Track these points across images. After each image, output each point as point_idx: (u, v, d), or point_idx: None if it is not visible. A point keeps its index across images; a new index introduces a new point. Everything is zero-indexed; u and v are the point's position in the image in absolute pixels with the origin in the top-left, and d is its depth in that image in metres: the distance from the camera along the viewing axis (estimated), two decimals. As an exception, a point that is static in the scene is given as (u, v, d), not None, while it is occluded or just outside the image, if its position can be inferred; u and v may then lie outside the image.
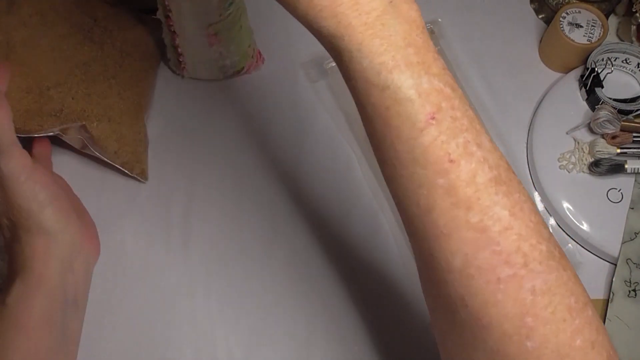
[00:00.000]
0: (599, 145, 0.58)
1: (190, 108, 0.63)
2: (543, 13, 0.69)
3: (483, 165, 0.28)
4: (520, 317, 0.27)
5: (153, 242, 0.57)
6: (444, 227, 0.28)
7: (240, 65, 0.62)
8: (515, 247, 0.27)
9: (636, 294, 0.54)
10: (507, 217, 0.28)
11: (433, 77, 0.28)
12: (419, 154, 0.28)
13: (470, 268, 0.28)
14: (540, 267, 0.27)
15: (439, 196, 0.28)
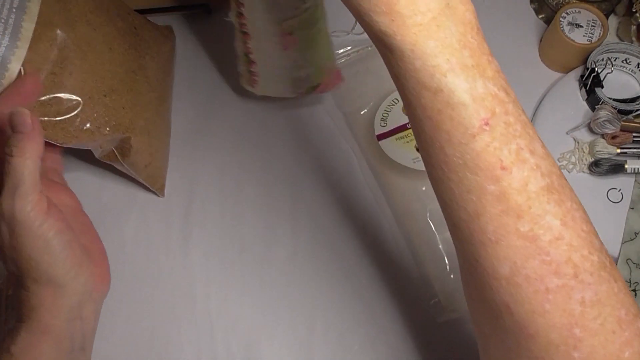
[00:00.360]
0: (599, 145, 0.58)
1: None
2: (543, 13, 0.69)
3: (536, 172, 0.27)
4: (568, 328, 0.27)
5: (153, 242, 0.57)
6: (492, 234, 0.28)
7: (316, 80, 0.57)
8: (565, 257, 0.27)
9: (636, 294, 0.54)
10: (558, 226, 0.27)
11: (488, 80, 0.27)
12: (469, 159, 0.27)
13: (518, 277, 0.27)
14: (590, 278, 0.27)
15: (489, 203, 0.27)
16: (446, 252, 0.54)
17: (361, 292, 0.55)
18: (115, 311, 0.54)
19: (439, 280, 0.54)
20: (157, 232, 0.58)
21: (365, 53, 0.65)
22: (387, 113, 0.61)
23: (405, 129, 0.60)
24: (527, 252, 0.27)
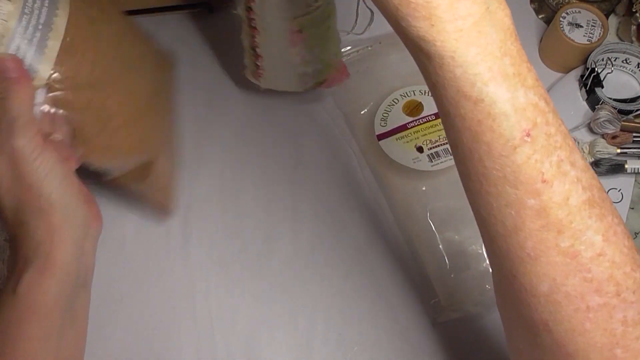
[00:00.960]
0: (599, 145, 0.58)
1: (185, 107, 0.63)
2: (543, 13, 0.69)
3: (577, 185, 0.26)
4: (609, 348, 0.26)
5: (153, 242, 0.57)
6: (532, 249, 0.27)
7: (322, 76, 0.57)
8: (607, 275, 0.26)
9: (636, 294, 0.54)
10: (600, 242, 0.26)
11: (528, 89, 0.26)
12: (510, 172, 0.26)
13: (558, 294, 0.27)
14: (633, 297, 0.26)
15: (528, 217, 0.26)
16: (446, 252, 0.54)
17: (361, 292, 0.55)
18: (115, 311, 0.54)
19: (439, 280, 0.54)
20: (157, 232, 0.58)
21: (365, 53, 0.65)
22: (387, 113, 0.61)
23: (405, 129, 0.60)
24: (568, 269, 0.26)
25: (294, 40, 0.52)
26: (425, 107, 0.61)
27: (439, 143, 0.59)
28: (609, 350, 0.26)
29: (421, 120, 0.61)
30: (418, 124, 0.60)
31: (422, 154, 0.59)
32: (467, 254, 0.54)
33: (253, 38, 0.53)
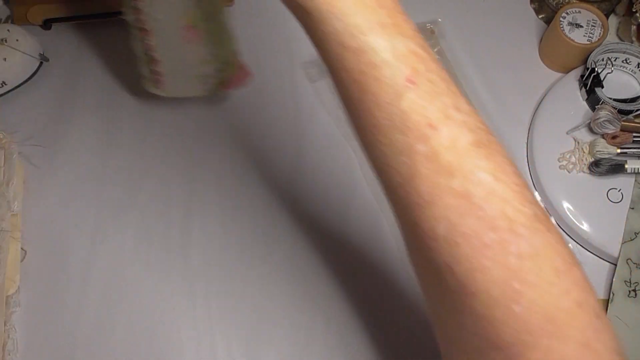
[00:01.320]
0: (599, 145, 0.58)
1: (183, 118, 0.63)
2: (543, 13, 0.69)
3: (463, 129, 0.27)
4: (506, 282, 0.27)
5: (153, 242, 0.57)
6: (427, 194, 0.27)
7: (223, 76, 0.56)
8: (499, 212, 0.27)
9: (636, 294, 0.54)
10: (490, 181, 0.27)
11: (407, 39, 0.27)
12: (398, 120, 0.27)
13: (455, 235, 0.27)
14: (525, 231, 0.27)
15: (420, 163, 0.27)
16: (446, 252, 0.54)
17: (361, 292, 0.55)
18: (116, 311, 0.54)
19: (439, 280, 0.54)
20: (157, 232, 0.58)
21: (365, 53, 0.65)
22: (387, 113, 0.61)
23: (405, 129, 0.60)
24: (462, 209, 0.27)
25: (189, 37, 0.52)
26: (425, 107, 0.61)
27: (439, 143, 0.59)
28: (507, 284, 0.27)
29: (421, 120, 0.60)
30: (418, 124, 0.60)
31: (422, 154, 0.59)
32: (467, 254, 0.54)
33: (146, 42, 0.52)
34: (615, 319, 0.53)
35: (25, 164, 0.60)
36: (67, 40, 0.66)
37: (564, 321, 0.27)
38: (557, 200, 0.58)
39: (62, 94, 0.64)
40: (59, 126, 0.62)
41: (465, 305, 0.28)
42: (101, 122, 0.63)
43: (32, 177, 0.60)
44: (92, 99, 0.64)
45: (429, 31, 0.67)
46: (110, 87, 0.64)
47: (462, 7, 0.69)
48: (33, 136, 0.61)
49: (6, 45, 0.61)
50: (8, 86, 0.62)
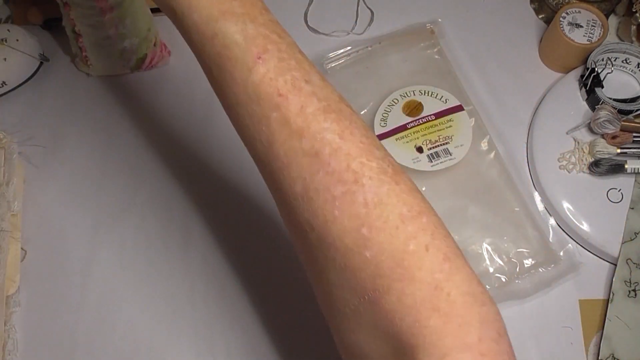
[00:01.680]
0: (599, 145, 0.58)
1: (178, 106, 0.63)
2: (543, 13, 0.69)
3: (312, 97, 0.30)
4: (357, 230, 0.29)
5: (153, 242, 0.57)
6: (284, 157, 0.31)
7: (142, 51, 0.61)
8: (345, 166, 0.29)
9: (636, 294, 0.54)
10: (336, 140, 0.30)
11: (259, 25, 0.31)
12: (252, 92, 0.31)
13: (310, 191, 0.30)
14: (370, 182, 0.29)
15: (276, 130, 0.31)
16: (446, 252, 0.54)
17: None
18: (115, 311, 0.54)
19: (439, 280, 0.54)
20: (157, 232, 0.58)
21: (365, 53, 0.65)
22: (387, 113, 0.61)
23: (405, 129, 0.60)
24: (313, 167, 0.30)
25: (104, 9, 0.56)
26: (425, 107, 0.61)
27: (438, 143, 0.59)
28: (357, 231, 0.29)
29: (421, 120, 0.61)
30: (418, 124, 0.60)
31: (421, 154, 0.59)
32: (467, 254, 0.54)
33: (70, 17, 0.57)
34: (615, 319, 0.53)
35: (25, 164, 0.60)
36: (67, 40, 0.66)
37: (412, 264, 0.28)
38: (557, 200, 0.58)
39: (62, 94, 0.64)
40: (59, 126, 0.62)
41: (328, 258, 0.31)
42: (101, 122, 0.63)
43: (32, 177, 0.60)
44: (92, 99, 0.64)
45: (429, 31, 0.67)
46: (110, 88, 0.64)
47: (462, 7, 0.69)
48: (33, 136, 0.61)
49: (6, 45, 0.61)
50: (8, 86, 0.62)
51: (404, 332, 0.28)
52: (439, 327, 0.27)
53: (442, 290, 0.28)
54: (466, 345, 0.27)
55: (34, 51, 0.62)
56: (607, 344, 0.53)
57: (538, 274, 0.55)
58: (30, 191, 0.59)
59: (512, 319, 0.54)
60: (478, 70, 0.66)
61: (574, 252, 0.57)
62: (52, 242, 0.57)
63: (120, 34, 0.59)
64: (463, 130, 0.60)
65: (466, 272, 0.29)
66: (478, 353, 0.26)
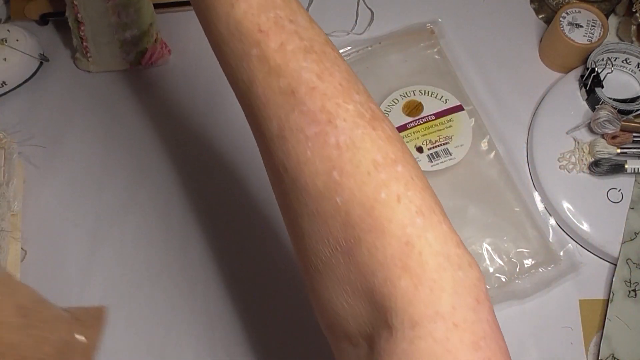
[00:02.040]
0: (599, 145, 0.58)
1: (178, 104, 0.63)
2: (543, 13, 0.69)
3: (293, 36, 0.30)
4: (328, 173, 0.28)
5: (153, 242, 0.57)
6: (263, 96, 0.30)
7: (142, 45, 0.62)
8: (319, 105, 0.29)
9: (636, 294, 0.54)
10: (313, 79, 0.29)
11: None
12: (234, 28, 0.30)
13: (284, 130, 0.29)
14: (344, 124, 0.28)
15: (255, 67, 0.30)
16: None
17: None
18: (116, 311, 0.54)
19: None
20: (157, 232, 0.58)
21: (365, 53, 0.65)
22: (387, 113, 0.61)
23: (406, 129, 0.60)
24: (289, 106, 0.29)
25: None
26: (425, 107, 0.61)
27: (438, 143, 0.59)
28: (328, 175, 0.28)
29: (421, 120, 0.61)
30: (418, 124, 0.60)
31: (421, 154, 0.59)
32: (467, 254, 0.54)
33: (73, 4, 0.58)
34: (615, 319, 0.53)
35: (25, 164, 0.60)
36: (66, 40, 0.66)
37: (382, 215, 0.27)
38: (557, 200, 0.58)
39: (62, 94, 0.64)
40: (59, 126, 0.62)
41: (300, 203, 0.30)
42: (101, 122, 0.63)
43: (32, 177, 0.60)
44: (92, 99, 0.64)
45: (429, 31, 0.67)
46: (110, 87, 0.64)
47: (462, 7, 0.69)
48: (33, 136, 0.61)
49: (6, 45, 0.61)
50: (8, 86, 0.62)
51: (376, 290, 0.27)
52: (410, 290, 0.26)
53: (413, 247, 0.26)
54: (438, 314, 0.25)
55: (34, 51, 0.62)
56: (607, 344, 0.53)
57: (538, 274, 0.55)
58: (30, 191, 0.59)
59: (512, 319, 0.54)
60: (478, 70, 0.66)
61: (574, 252, 0.57)
62: (52, 242, 0.57)
63: (122, 23, 0.59)
64: (463, 130, 0.60)
65: (441, 230, 0.27)
66: (452, 323, 0.25)
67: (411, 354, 0.25)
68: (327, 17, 0.67)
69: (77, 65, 0.64)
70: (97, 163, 0.60)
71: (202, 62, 0.66)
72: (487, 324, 0.26)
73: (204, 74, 0.65)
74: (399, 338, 0.26)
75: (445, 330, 0.25)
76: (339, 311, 0.30)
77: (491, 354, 0.25)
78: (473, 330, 0.25)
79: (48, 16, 0.66)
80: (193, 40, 0.67)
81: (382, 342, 0.27)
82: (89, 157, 0.61)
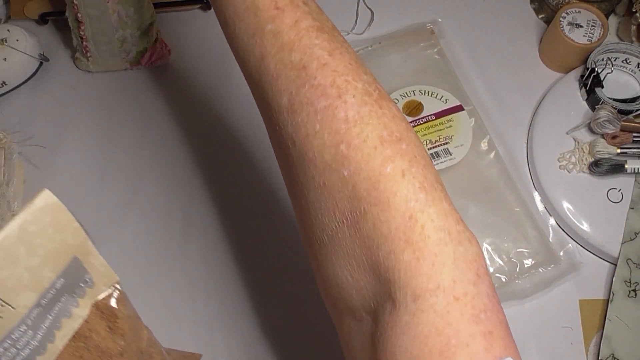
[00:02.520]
0: (599, 145, 0.58)
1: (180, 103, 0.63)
2: (543, 13, 0.69)
3: (307, 16, 0.31)
4: (336, 146, 0.29)
5: (153, 242, 0.57)
6: (274, 70, 0.31)
7: (142, 44, 0.62)
8: (330, 81, 0.29)
9: (636, 294, 0.54)
10: (325, 56, 0.30)
11: None
12: (250, 2, 0.32)
13: (294, 104, 0.30)
14: (353, 100, 0.29)
15: (269, 42, 0.31)
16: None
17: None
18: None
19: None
20: (157, 232, 0.58)
21: (365, 53, 0.65)
22: (387, 113, 0.61)
23: (405, 129, 0.60)
24: (300, 80, 0.30)
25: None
26: (425, 107, 0.61)
27: (439, 143, 0.59)
28: (336, 148, 0.29)
29: (421, 120, 0.61)
30: (418, 124, 0.60)
31: (422, 154, 0.59)
32: (467, 254, 0.54)
33: (73, 3, 0.58)
34: (615, 319, 0.53)
35: (25, 164, 0.60)
36: (66, 40, 0.66)
37: (387, 188, 0.28)
38: (557, 200, 0.58)
39: (62, 94, 0.64)
40: (59, 126, 0.62)
41: (307, 176, 0.30)
42: (101, 122, 0.63)
43: (32, 177, 0.60)
44: (92, 99, 0.64)
45: (429, 31, 0.67)
46: (110, 87, 0.64)
47: (462, 7, 0.69)
48: (33, 136, 0.61)
49: (6, 45, 0.61)
50: (8, 86, 0.62)
51: (380, 263, 0.27)
52: (413, 263, 0.26)
53: (417, 221, 0.27)
54: (439, 288, 0.26)
55: (34, 51, 0.62)
56: (607, 344, 0.53)
57: (538, 274, 0.55)
58: (30, 191, 0.59)
59: (512, 319, 0.53)
60: (478, 70, 0.66)
61: (574, 252, 0.57)
62: (52, 242, 0.57)
63: (122, 22, 0.59)
64: (463, 130, 0.60)
65: (443, 207, 0.28)
66: (452, 297, 0.26)
67: (414, 327, 0.26)
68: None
69: (77, 65, 0.64)
70: (97, 163, 0.60)
71: (202, 62, 0.66)
72: (487, 297, 0.26)
73: (204, 74, 0.65)
74: (401, 311, 0.26)
75: (446, 303, 0.26)
76: (344, 285, 0.31)
77: (492, 326, 0.26)
78: (473, 303, 0.26)
79: (48, 15, 0.66)
80: (193, 40, 0.67)
81: (385, 315, 0.27)
82: (89, 157, 0.61)
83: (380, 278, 0.28)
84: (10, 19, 0.67)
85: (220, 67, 0.65)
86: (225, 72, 0.65)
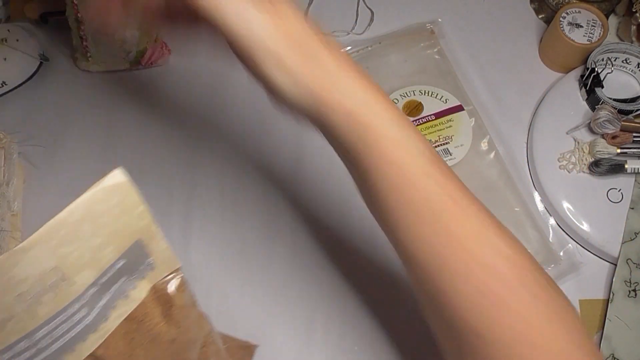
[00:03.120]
0: (599, 145, 0.58)
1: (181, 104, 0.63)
2: (543, 13, 0.69)
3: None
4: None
5: (153, 242, 0.57)
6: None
7: (142, 44, 0.62)
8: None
9: (636, 294, 0.54)
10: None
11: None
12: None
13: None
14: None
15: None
16: (446, 252, 0.54)
17: (362, 292, 0.55)
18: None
19: (439, 280, 0.54)
20: (157, 232, 0.58)
21: (365, 53, 0.65)
22: (387, 113, 0.61)
23: (405, 129, 0.60)
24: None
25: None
26: (425, 107, 0.61)
27: (438, 143, 0.59)
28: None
29: (421, 120, 0.61)
30: (418, 124, 0.60)
31: (422, 154, 0.59)
32: (467, 254, 0.54)
33: (73, 3, 0.57)
34: (615, 319, 0.53)
35: (25, 164, 0.60)
36: (66, 40, 0.66)
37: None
38: (557, 200, 0.58)
39: (62, 94, 0.64)
40: (59, 126, 0.62)
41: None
42: (101, 122, 0.63)
43: (32, 177, 0.60)
44: (92, 99, 0.64)
45: (429, 31, 0.67)
46: (110, 87, 0.64)
47: (462, 7, 0.69)
48: (33, 136, 0.61)
49: (6, 45, 0.61)
50: (8, 86, 0.62)
51: None
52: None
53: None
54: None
55: (34, 51, 0.62)
56: (607, 344, 0.53)
57: (538, 274, 0.55)
58: (30, 191, 0.59)
59: (512, 319, 0.54)
60: (478, 70, 0.66)
61: (574, 252, 0.57)
62: (52, 242, 0.57)
63: (122, 22, 0.59)
64: (463, 130, 0.60)
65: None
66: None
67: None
68: (327, 17, 0.67)
69: (77, 65, 0.64)
70: (97, 163, 0.60)
71: (202, 62, 0.66)
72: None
73: (204, 74, 0.65)
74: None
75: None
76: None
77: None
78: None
79: (48, 15, 0.66)
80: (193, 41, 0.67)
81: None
82: (89, 157, 0.61)
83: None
84: (10, 19, 0.67)
85: (220, 67, 0.65)
86: (225, 72, 0.65)
